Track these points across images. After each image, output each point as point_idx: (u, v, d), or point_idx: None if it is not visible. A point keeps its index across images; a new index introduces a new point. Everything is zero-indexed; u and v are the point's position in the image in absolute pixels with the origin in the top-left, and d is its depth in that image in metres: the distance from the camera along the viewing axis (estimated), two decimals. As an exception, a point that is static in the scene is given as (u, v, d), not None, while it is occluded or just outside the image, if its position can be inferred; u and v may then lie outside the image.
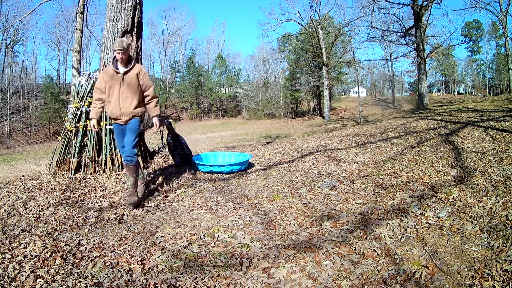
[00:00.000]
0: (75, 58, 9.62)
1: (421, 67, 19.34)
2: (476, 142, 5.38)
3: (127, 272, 2.10)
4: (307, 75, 37.53)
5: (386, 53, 39.50)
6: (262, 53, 50.48)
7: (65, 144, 4.57)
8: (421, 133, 6.85)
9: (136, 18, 5.16)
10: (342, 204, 3.16)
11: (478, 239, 2.28)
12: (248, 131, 30.96)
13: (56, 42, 45.35)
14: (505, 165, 3.95)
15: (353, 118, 28.63)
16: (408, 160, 4.68)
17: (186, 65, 52.51)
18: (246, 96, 48.77)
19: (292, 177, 4.30)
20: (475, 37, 49.52)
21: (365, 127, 10.63)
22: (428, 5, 18.31)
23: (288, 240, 2.47)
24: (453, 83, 53.40)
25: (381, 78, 55.23)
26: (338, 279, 1.96)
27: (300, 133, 22.35)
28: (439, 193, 3.21)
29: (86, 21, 10.22)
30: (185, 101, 50.22)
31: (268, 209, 3.14)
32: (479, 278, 1.86)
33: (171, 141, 5.01)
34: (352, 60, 30.04)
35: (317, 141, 7.53)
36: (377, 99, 49.14)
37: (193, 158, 5.06)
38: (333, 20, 35.02)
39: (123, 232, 2.73)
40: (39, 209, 3.27)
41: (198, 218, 3.03)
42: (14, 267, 2.12)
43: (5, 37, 39.24)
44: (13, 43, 41.66)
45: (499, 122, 7.31)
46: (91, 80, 4.75)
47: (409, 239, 2.36)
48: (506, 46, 22.63)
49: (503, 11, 20.22)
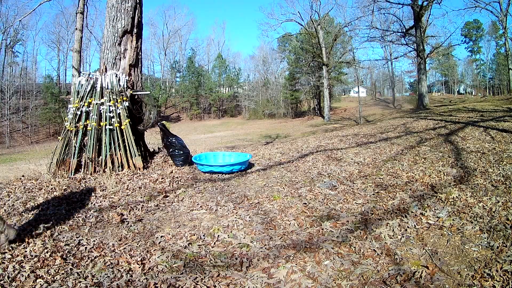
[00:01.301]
0: (75, 58, 9.63)
1: (421, 67, 19.34)
2: (476, 142, 5.38)
3: (127, 272, 2.10)
4: (307, 75, 37.52)
5: (386, 53, 39.51)
6: (262, 53, 50.52)
7: (65, 144, 4.57)
8: (421, 133, 6.85)
9: (136, 18, 5.16)
10: (342, 204, 3.16)
11: (478, 239, 2.28)
12: (248, 131, 30.96)
13: (56, 42, 45.37)
14: (505, 165, 3.95)
15: (353, 118, 28.63)
16: (408, 160, 4.68)
17: (186, 65, 52.49)
18: (246, 96, 48.77)
19: (292, 177, 4.31)
20: (475, 37, 49.52)
21: (365, 127, 10.63)
22: (428, 5, 18.31)
23: (288, 240, 2.47)
24: (453, 83, 53.39)
25: (381, 78, 55.22)
26: (338, 279, 1.96)
27: (300, 133, 22.35)
28: (439, 193, 3.21)
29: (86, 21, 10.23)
30: (185, 101, 50.21)
31: (268, 209, 3.14)
32: (479, 278, 1.86)
33: (168, 143, 5.02)
34: (352, 60, 30.04)
35: (317, 141, 7.53)
36: (377, 99, 49.14)
37: (193, 158, 5.06)
38: (333, 20, 35.06)
39: (123, 232, 2.73)
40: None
41: (198, 218, 3.03)
42: (14, 267, 2.12)
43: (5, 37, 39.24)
44: (13, 43, 41.66)
45: (499, 122, 7.31)
46: (91, 80, 4.75)
47: (409, 239, 2.36)
48: (506, 46, 22.63)
49: (503, 11, 20.23)
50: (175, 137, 5.13)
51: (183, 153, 5.01)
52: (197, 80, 50.35)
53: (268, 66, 49.63)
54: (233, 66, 54.10)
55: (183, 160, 5.01)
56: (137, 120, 5.22)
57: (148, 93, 5.73)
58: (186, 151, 5.07)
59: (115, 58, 5.01)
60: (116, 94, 4.72)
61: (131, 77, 5.15)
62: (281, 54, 45.38)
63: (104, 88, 4.71)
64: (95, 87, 4.72)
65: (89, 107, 4.64)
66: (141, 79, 5.45)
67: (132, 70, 5.18)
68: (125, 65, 5.10)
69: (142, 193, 3.81)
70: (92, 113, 4.61)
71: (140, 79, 5.42)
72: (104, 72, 4.86)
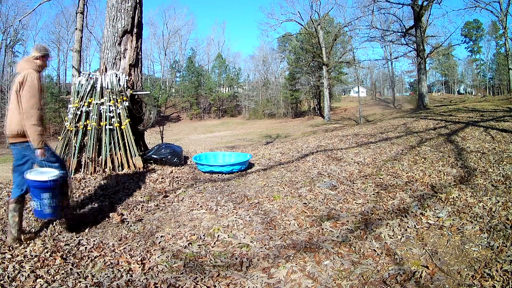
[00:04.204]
0: (75, 58, 9.64)
1: (421, 67, 19.32)
2: (476, 142, 5.38)
3: (127, 272, 2.10)
4: (307, 75, 37.52)
5: (386, 53, 39.45)
6: (262, 53, 50.48)
7: (65, 144, 4.57)
8: (421, 133, 6.85)
9: (136, 18, 5.16)
10: (342, 204, 3.16)
11: (478, 239, 2.28)
12: (248, 131, 30.95)
13: (56, 42, 45.29)
14: (505, 165, 3.95)
15: (353, 118, 28.62)
16: (408, 160, 4.68)
17: (186, 65, 52.45)
18: (246, 96, 48.75)
19: (292, 177, 4.30)
20: (475, 37, 49.49)
21: (365, 127, 10.63)
22: (428, 5, 18.29)
23: (288, 240, 2.47)
24: (453, 83, 53.39)
25: (381, 78, 55.22)
26: (338, 279, 1.96)
27: (300, 133, 22.34)
28: (439, 193, 3.21)
29: (86, 21, 10.23)
30: (185, 101, 50.19)
31: (268, 209, 3.14)
32: (479, 278, 1.86)
33: (153, 155, 5.01)
34: (352, 60, 30.01)
35: (317, 141, 7.53)
36: (377, 99, 49.13)
37: (193, 158, 5.07)
38: (333, 20, 35.03)
39: (123, 232, 2.73)
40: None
41: (198, 218, 3.03)
42: (14, 267, 2.12)
43: (5, 37, 39.23)
44: (13, 43, 41.64)
45: (499, 122, 7.30)
46: (91, 80, 4.75)
47: (409, 239, 2.36)
48: (506, 46, 22.59)
49: (503, 11, 20.20)
50: (163, 148, 5.14)
51: (173, 154, 5.04)
52: (197, 80, 50.33)
53: (268, 66, 49.62)
54: (233, 66, 54.09)
55: (175, 157, 5.05)
56: (137, 120, 5.23)
57: (148, 93, 5.74)
58: (173, 151, 5.09)
59: (115, 58, 5.01)
60: (116, 94, 4.72)
61: (131, 77, 5.15)
62: (281, 54, 45.36)
63: (104, 88, 4.71)
64: (95, 87, 4.72)
65: (89, 107, 4.64)
66: (141, 79, 5.45)
67: (132, 70, 5.18)
68: (125, 65, 5.10)
69: (142, 193, 3.81)
70: (92, 113, 4.61)
71: (140, 79, 5.42)
72: (104, 72, 4.86)
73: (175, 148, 5.22)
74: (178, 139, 20.65)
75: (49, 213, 2.54)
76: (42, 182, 2.44)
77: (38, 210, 2.50)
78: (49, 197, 2.49)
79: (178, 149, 5.23)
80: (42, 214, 2.55)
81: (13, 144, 2.56)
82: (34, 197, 2.48)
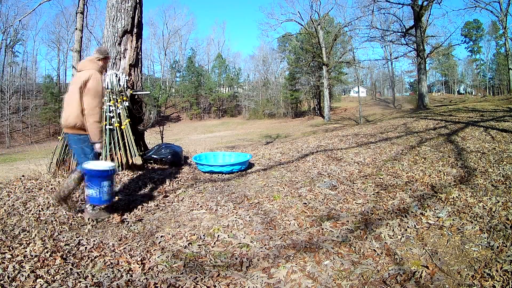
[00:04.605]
0: (75, 58, 9.64)
1: (421, 67, 19.32)
2: (476, 142, 5.38)
3: (127, 272, 2.10)
4: (307, 75, 37.53)
5: (386, 53, 39.50)
6: (262, 53, 50.49)
7: (65, 144, 4.57)
8: (422, 133, 6.85)
9: (136, 18, 5.16)
10: (342, 204, 3.16)
11: (478, 239, 2.28)
12: (248, 131, 30.96)
13: (56, 42, 45.32)
14: (505, 165, 3.95)
15: (353, 118, 28.63)
16: (408, 160, 4.68)
17: (186, 65, 52.45)
18: (246, 96, 48.76)
19: (292, 177, 4.30)
20: (475, 37, 49.49)
21: (365, 127, 10.63)
22: (428, 5, 18.29)
23: (288, 240, 2.47)
24: (453, 83, 53.39)
25: (381, 78, 55.22)
26: (338, 279, 1.96)
27: (300, 133, 22.35)
28: (439, 193, 3.21)
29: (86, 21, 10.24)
30: (185, 101, 50.19)
31: (268, 209, 3.14)
32: (479, 278, 1.86)
33: (153, 155, 5.05)
34: (352, 60, 30.02)
35: (317, 141, 7.53)
36: (377, 99, 49.14)
37: (193, 158, 5.08)
38: (333, 20, 35.06)
39: (123, 232, 2.73)
40: (39, 209, 3.27)
41: (198, 218, 3.03)
42: (14, 267, 2.11)
43: (5, 37, 39.25)
44: (13, 43, 41.66)
45: (499, 122, 7.30)
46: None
47: (409, 239, 2.36)
48: (506, 46, 22.60)
49: (503, 11, 20.21)
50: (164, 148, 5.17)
51: (173, 154, 5.07)
52: (197, 80, 50.33)
53: (268, 66, 49.63)
54: (233, 66, 54.11)
55: (175, 157, 5.09)
56: (137, 120, 5.23)
57: (148, 93, 5.74)
58: (173, 151, 5.12)
59: (115, 58, 5.01)
60: (116, 94, 4.72)
61: (131, 77, 5.15)
62: (281, 54, 45.39)
63: (104, 88, 4.71)
64: (95, 87, 4.72)
65: (89, 107, 4.64)
66: (141, 79, 5.45)
67: (132, 70, 5.18)
68: (125, 65, 5.10)
69: (142, 193, 3.81)
70: (92, 113, 4.61)
71: (140, 79, 5.42)
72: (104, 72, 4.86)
73: (175, 148, 5.23)
74: (178, 139, 20.64)
75: (107, 199, 2.88)
76: (103, 171, 2.76)
77: (97, 197, 2.81)
78: (108, 185, 2.83)
79: (178, 149, 5.24)
80: (100, 201, 2.87)
81: (69, 134, 2.87)
82: (93, 186, 2.77)
